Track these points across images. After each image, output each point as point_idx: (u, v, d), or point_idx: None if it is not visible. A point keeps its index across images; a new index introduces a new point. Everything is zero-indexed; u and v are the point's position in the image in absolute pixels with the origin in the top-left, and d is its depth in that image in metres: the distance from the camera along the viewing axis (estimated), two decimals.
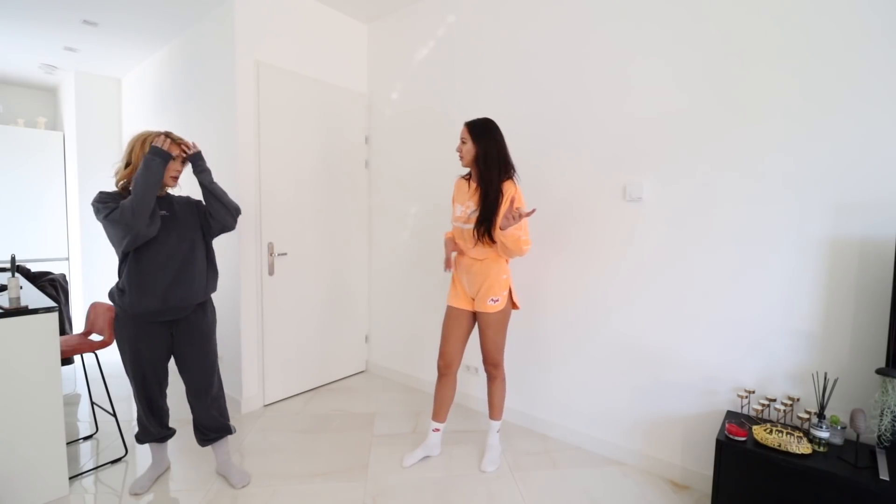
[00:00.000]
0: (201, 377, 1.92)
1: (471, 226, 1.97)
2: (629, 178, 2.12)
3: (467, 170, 2.09)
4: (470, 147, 1.97)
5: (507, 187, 1.93)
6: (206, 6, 2.75)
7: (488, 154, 1.93)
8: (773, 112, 1.75)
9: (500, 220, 1.88)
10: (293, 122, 2.85)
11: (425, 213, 3.00)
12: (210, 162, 2.81)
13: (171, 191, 1.91)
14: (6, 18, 2.99)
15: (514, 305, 2.10)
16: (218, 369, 2.00)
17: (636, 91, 2.09)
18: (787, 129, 1.73)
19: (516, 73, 2.51)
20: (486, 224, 1.92)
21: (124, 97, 4.23)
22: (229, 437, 2.05)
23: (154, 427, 1.93)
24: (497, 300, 2.01)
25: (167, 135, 1.77)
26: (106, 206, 1.67)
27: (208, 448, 2.19)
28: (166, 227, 1.79)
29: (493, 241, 1.93)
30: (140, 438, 1.96)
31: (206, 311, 1.94)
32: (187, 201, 1.94)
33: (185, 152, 1.84)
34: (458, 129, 2.73)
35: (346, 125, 3.19)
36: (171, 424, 2.03)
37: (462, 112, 2.75)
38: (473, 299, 2.08)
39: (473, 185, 2.02)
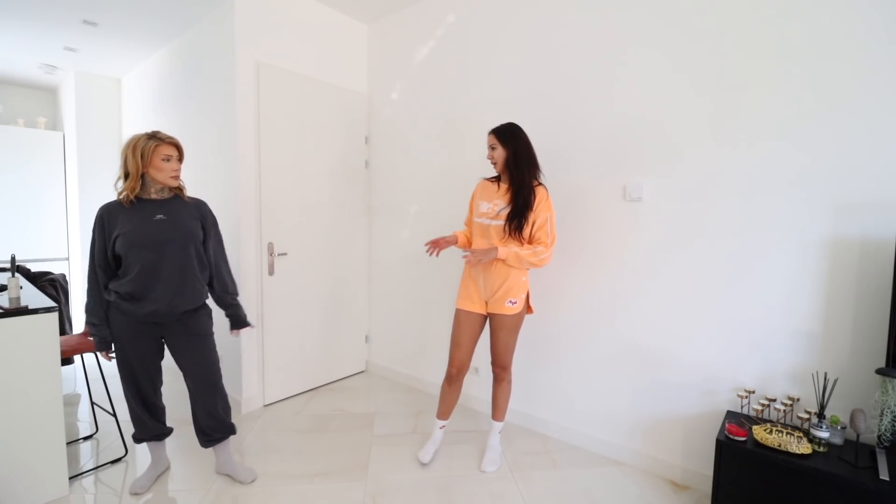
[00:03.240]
0: (203, 376, 1.91)
1: (500, 222, 1.99)
2: (629, 177, 2.12)
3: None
4: (500, 152, 2.00)
5: (539, 192, 1.98)
6: (205, 6, 2.75)
7: (518, 154, 1.98)
8: (773, 112, 1.75)
9: (531, 216, 1.95)
10: (293, 123, 2.85)
11: (425, 213, 3.00)
12: (210, 162, 2.85)
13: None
14: (6, 18, 2.98)
15: (528, 309, 2.11)
16: (219, 369, 1.98)
17: (636, 90, 2.08)
18: (787, 128, 1.73)
19: (517, 72, 2.51)
20: (517, 219, 1.95)
21: (124, 97, 4.23)
22: (231, 437, 2.05)
23: (150, 421, 1.92)
24: (515, 302, 2.01)
25: (154, 135, 1.75)
26: (91, 246, 1.79)
27: (209, 448, 2.19)
28: (164, 232, 1.76)
29: (521, 237, 1.96)
30: (137, 437, 1.95)
31: (197, 313, 1.90)
32: (196, 204, 1.90)
33: (178, 150, 1.83)
34: (459, 128, 2.76)
35: (346, 125, 3.18)
36: (170, 424, 2.03)
37: (462, 112, 2.75)
38: (487, 302, 2.08)
39: (504, 186, 2.04)
